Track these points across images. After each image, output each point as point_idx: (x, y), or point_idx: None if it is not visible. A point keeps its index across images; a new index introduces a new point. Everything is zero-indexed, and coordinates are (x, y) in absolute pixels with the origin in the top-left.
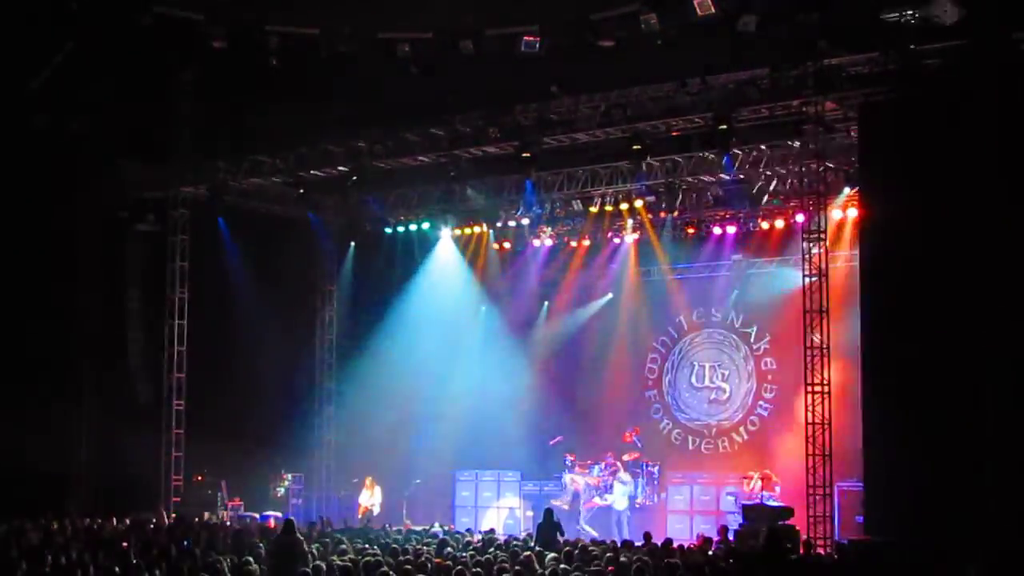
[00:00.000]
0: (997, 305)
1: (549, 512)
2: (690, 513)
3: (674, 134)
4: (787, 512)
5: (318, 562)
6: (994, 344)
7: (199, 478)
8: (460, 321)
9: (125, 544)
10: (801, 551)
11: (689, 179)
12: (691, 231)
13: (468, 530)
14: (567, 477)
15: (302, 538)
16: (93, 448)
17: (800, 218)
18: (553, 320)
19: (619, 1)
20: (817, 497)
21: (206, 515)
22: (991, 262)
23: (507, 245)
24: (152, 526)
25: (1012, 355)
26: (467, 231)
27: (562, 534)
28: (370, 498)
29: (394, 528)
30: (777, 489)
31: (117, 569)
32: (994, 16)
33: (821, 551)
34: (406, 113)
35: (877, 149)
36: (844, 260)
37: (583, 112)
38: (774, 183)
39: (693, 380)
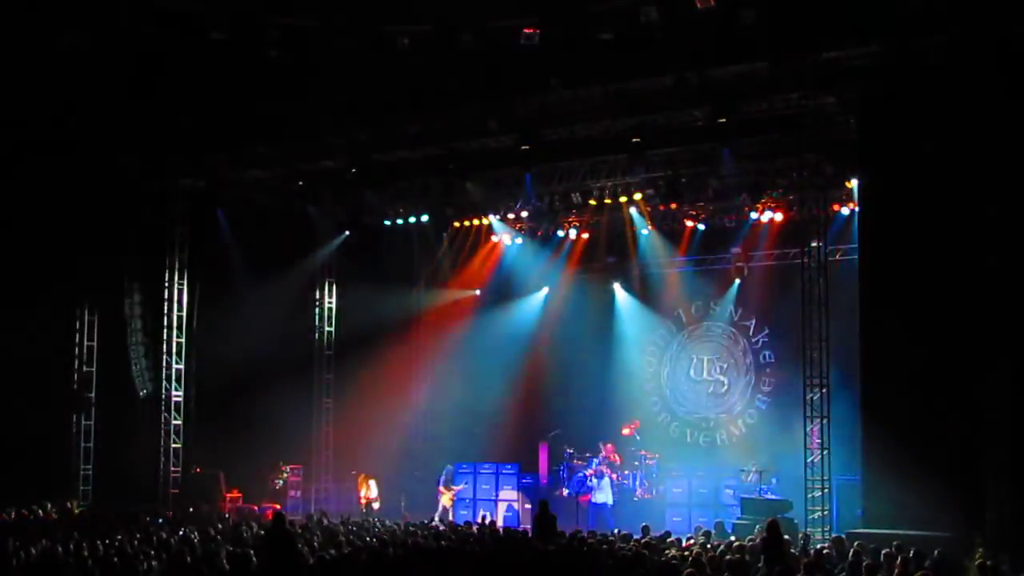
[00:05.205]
0: (996, 298)
1: (544, 504)
2: (689, 506)
3: (673, 126)
4: (786, 505)
5: (312, 554)
6: (992, 336)
7: (197, 469)
8: (459, 313)
9: (120, 537)
10: (799, 544)
11: (688, 172)
12: (690, 224)
13: (467, 522)
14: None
15: (292, 530)
16: (92, 438)
17: (799, 211)
18: (551, 312)
19: None
20: (815, 490)
21: (204, 506)
22: (990, 255)
23: (506, 238)
24: (150, 517)
25: (1010, 348)
26: (466, 224)
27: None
28: (366, 493)
29: (392, 521)
30: (774, 482)
31: (115, 560)
32: (993, 9)
33: (819, 544)
34: (405, 105)
35: (876, 142)
36: (843, 253)
37: (582, 105)
38: (773, 176)
39: (692, 373)
